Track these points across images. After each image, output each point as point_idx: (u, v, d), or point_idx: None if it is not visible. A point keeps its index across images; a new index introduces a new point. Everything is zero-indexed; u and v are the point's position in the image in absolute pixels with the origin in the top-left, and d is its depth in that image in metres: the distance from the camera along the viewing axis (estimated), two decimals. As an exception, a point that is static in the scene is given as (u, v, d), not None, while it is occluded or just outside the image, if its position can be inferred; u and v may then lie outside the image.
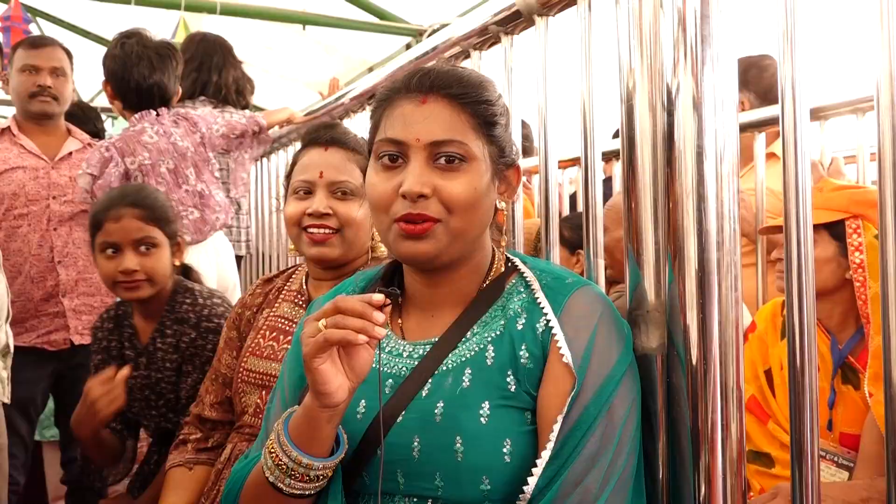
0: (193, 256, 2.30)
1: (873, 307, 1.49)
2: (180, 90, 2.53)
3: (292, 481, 0.91)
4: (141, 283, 1.70)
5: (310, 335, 0.88)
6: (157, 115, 2.39)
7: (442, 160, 0.94)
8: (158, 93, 2.39)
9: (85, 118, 3.17)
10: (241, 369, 1.49)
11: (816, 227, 1.66)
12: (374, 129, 1.01)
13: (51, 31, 5.88)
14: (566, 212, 3.04)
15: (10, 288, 2.38)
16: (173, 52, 2.46)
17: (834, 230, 1.65)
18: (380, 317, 0.87)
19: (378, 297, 0.89)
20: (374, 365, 1.02)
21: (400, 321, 1.05)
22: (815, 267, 1.65)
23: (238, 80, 2.95)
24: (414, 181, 0.92)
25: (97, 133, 3.18)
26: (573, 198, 3.33)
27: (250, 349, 1.49)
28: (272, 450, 0.93)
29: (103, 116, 6.03)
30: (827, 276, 1.66)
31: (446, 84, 0.96)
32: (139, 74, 2.36)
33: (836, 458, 1.57)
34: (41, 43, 2.63)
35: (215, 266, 2.43)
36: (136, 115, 2.38)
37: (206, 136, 2.46)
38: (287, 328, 1.48)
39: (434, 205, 0.93)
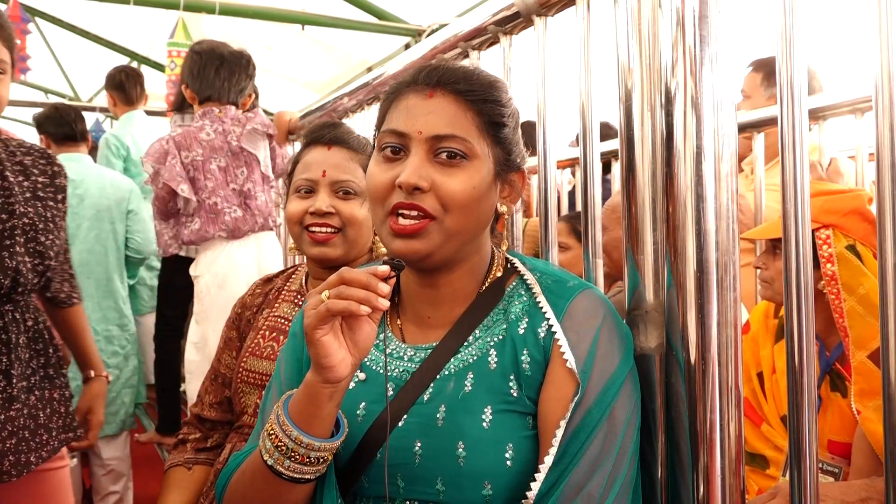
0: (233, 251, 2.44)
1: (850, 322, 1.47)
2: (253, 95, 2.64)
3: (291, 463, 0.89)
4: None
5: (312, 307, 0.87)
6: (220, 112, 2.50)
7: (443, 155, 0.93)
8: (227, 90, 2.52)
9: (61, 120, 3.15)
10: (241, 369, 1.49)
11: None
12: (380, 121, 1.00)
13: (50, 31, 5.89)
14: (564, 211, 3.04)
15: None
16: (244, 59, 2.59)
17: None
18: (384, 288, 0.86)
19: (383, 269, 0.88)
20: (375, 368, 1.01)
21: (399, 323, 1.04)
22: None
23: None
24: (411, 173, 0.92)
25: (74, 135, 3.16)
26: (572, 196, 3.33)
27: (250, 349, 1.50)
28: (271, 431, 0.91)
29: (102, 116, 6.06)
30: None
31: (454, 80, 0.95)
32: (209, 69, 2.51)
33: (821, 465, 1.57)
34: None
35: (256, 263, 2.49)
36: (200, 112, 2.52)
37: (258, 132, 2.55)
38: (287, 328, 1.48)
39: (430, 199, 0.92)
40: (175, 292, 2.99)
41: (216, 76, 2.53)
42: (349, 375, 0.90)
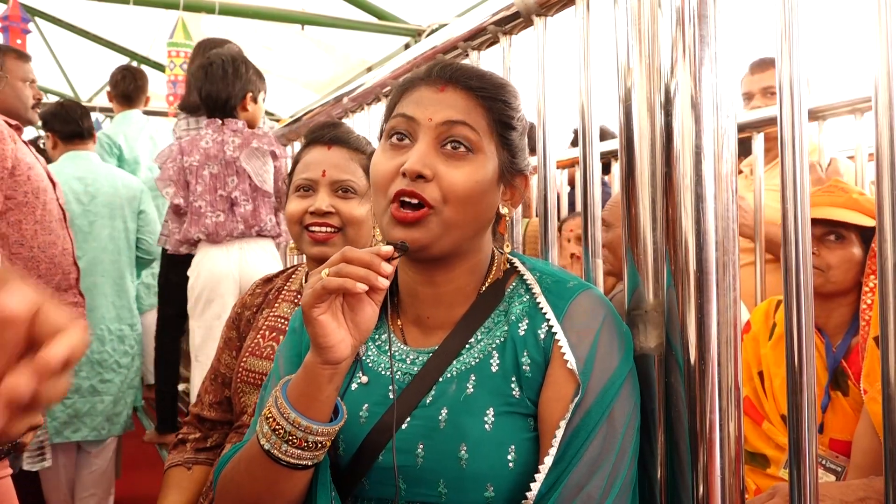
0: (215, 255, 2.57)
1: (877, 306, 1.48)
2: (248, 97, 2.67)
3: (289, 448, 0.89)
4: None
5: (310, 286, 0.87)
6: (223, 123, 2.61)
7: (449, 146, 0.93)
8: (211, 103, 2.62)
9: (68, 118, 3.17)
10: (241, 369, 1.49)
11: (847, 227, 1.65)
12: (389, 111, 1.00)
13: (50, 31, 5.89)
14: (564, 212, 3.04)
15: (49, 283, 2.46)
16: (221, 70, 2.64)
17: (864, 233, 1.64)
18: (387, 268, 0.86)
19: (387, 249, 0.88)
20: (377, 370, 1.01)
21: (400, 324, 1.04)
22: (842, 267, 1.65)
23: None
24: (416, 160, 0.91)
25: (81, 133, 3.20)
26: (572, 196, 3.33)
27: (250, 349, 1.50)
28: (269, 415, 0.90)
29: (102, 116, 6.05)
30: (851, 277, 1.64)
31: (466, 76, 0.96)
32: (197, 86, 2.65)
33: (824, 462, 1.57)
34: (29, 57, 2.75)
35: (237, 267, 2.58)
36: (206, 122, 2.66)
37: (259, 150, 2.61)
38: (287, 328, 1.48)
39: (431, 189, 0.92)
40: (171, 289, 3.02)
41: (201, 97, 2.64)
42: (349, 357, 0.89)
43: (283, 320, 1.50)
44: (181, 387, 4.31)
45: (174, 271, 2.81)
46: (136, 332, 3.27)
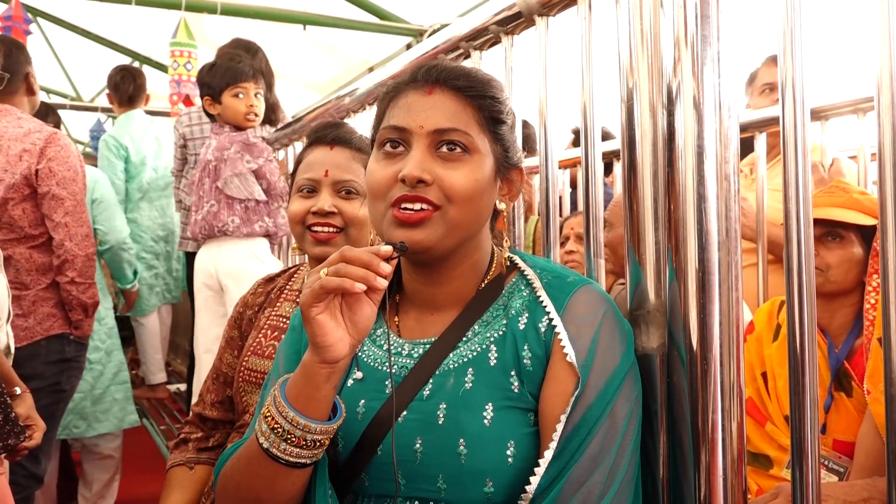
0: (200, 251, 2.69)
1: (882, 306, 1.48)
2: (205, 101, 2.72)
3: (288, 446, 0.89)
4: None
5: (309, 285, 0.87)
6: (211, 128, 2.76)
7: (444, 149, 0.94)
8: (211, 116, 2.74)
9: (46, 112, 3.19)
10: (243, 368, 1.49)
11: (846, 227, 1.65)
12: (379, 119, 1.00)
13: (52, 31, 5.89)
14: (566, 211, 3.04)
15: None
16: (199, 73, 2.77)
17: (865, 232, 1.64)
18: (386, 268, 0.86)
19: (386, 249, 0.88)
20: (373, 365, 1.01)
21: (397, 320, 1.04)
22: (842, 267, 1.65)
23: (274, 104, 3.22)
24: (414, 166, 0.92)
25: (56, 127, 3.21)
26: (573, 196, 3.33)
27: (252, 348, 1.50)
28: (267, 413, 0.91)
29: (104, 117, 6.05)
30: (852, 277, 1.64)
31: (453, 77, 0.96)
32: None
33: (826, 462, 1.57)
34: None
35: (213, 265, 2.62)
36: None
37: (230, 159, 2.65)
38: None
39: (434, 191, 0.92)
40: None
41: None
42: (347, 356, 0.90)
43: (284, 319, 1.50)
44: (173, 388, 4.32)
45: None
46: (106, 327, 3.19)
